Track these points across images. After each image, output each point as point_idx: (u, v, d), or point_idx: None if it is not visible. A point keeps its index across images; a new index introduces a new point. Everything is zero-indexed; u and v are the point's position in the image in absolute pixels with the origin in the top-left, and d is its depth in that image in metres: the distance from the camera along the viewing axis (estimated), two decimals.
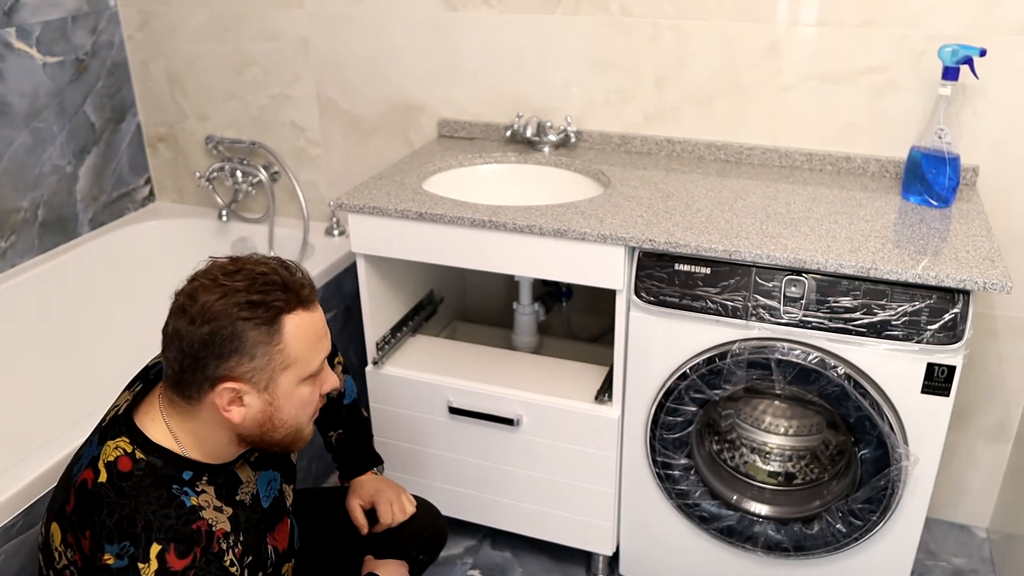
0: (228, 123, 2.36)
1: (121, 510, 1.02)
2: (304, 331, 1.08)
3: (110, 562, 1.01)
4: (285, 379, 1.08)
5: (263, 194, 2.39)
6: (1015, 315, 1.85)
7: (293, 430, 1.13)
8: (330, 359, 1.48)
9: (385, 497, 1.45)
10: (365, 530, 1.44)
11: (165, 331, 1.07)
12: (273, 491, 1.25)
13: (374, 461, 1.55)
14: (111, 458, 1.06)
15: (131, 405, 1.13)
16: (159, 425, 1.10)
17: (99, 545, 1.02)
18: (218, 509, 1.10)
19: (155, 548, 1.01)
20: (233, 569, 1.08)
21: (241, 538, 1.13)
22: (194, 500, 1.07)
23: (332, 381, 1.17)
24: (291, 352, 1.07)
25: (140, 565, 1.00)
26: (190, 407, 1.08)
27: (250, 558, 1.14)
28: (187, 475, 1.09)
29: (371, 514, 1.46)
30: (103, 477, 1.05)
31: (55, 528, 1.09)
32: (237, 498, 1.16)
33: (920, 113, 1.77)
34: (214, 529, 1.07)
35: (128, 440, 1.08)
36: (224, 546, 1.08)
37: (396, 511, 1.44)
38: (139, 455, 1.07)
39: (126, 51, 2.35)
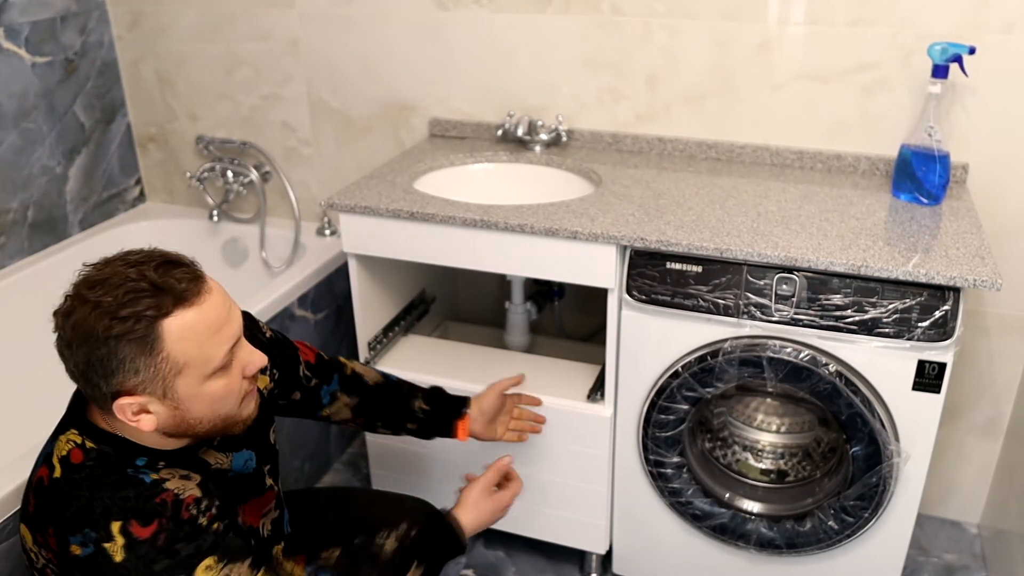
0: (219, 123, 2.35)
1: (78, 501, 1.00)
2: (190, 331, 0.99)
3: (78, 552, 0.99)
4: (183, 383, 1.01)
5: (254, 194, 2.38)
6: (1005, 312, 1.85)
7: (218, 421, 1.08)
8: (327, 367, 1.45)
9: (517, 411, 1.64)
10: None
11: (56, 351, 1.03)
12: (248, 469, 1.22)
13: (460, 402, 1.58)
14: (64, 452, 1.04)
15: (83, 398, 1.10)
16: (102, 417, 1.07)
17: (64, 540, 1.00)
18: (185, 477, 1.07)
19: (116, 524, 0.99)
20: (216, 526, 1.04)
21: (216, 503, 1.09)
22: (154, 476, 1.04)
23: (256, 361, 1.09)
24: (179, 357, 0.99)
25: (106, 545, 0.98)
26: (110, 414, 1.04)
27: (227, 520, 1.11)
28: (141, 461, 1.06)
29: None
30: (57, 472, 1.03)
31: (24, 530, 1.08)
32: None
33: (910, 111, 1.77)
34: (182, 497, 1.04)
35: (77, 432, 1.05)
36: (195, 511, 1.04)
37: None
38: (89, 445, 1.04)
39: (116, 51, 2.34)
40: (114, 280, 0.98)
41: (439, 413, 1.55)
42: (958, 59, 1.62)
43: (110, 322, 0.96)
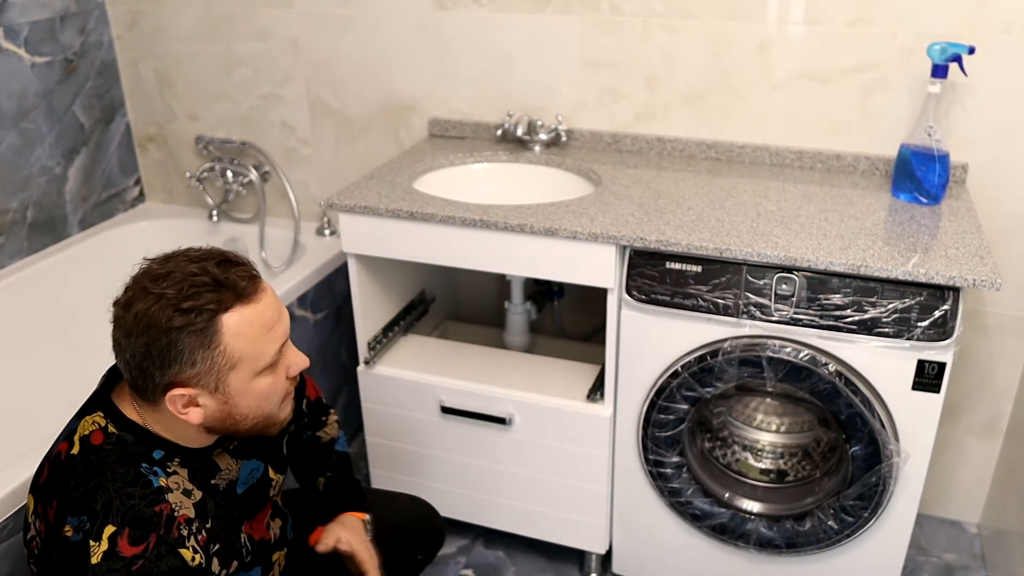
0: (218, 123, 2.35)
1: (86, 483, 1.03)
2: (247, 327, 1.03)
3: (69, 534, 1.01)
4: (235, 377, 1.05)
5: (254, 194, 2.38)
6: (1005, 312, 1.85)
7: (260, 419, 1.11)
8: (320, 410, 1.46)
9: (369, 564, 1.36)
10: (323, 551, 1.36)
11: (112, 341, 1.06)
12: (253, 479, 1.23)
13: (362, 502, 1.46)
14: (86, 432, 1.07)
15: (112, 382, 1.14)
16: (132, 405, 1.10)
17: (63, 517, 1.03)
18: (186, 493, 1.09)
19: (109, 529, 1.00)
20: (197, 558, 1.06)
21: (208, 525, 1.11)
22: (163, 481, 1.06)
23: (299, 362, 1.13)
24: (234, 352, 1.03)
25: (91, 542, 1.00)
26: (152, 405, 1.08)
27: (217, 546, 1.12)
28: (158, 454, 1.08)
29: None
30: (76, 449, 1.06)
31: (30, 499, 1.11)
32: (212, 482, 1.14)
33: (910, 111, 1.77)
34: (176, 514, 1.06)
35: (103, 415, 1.08)
36: (185, 532, 1.06)
37: None
38: (111, 429, 1.07)
39: (115, 51, 2.34)
40: (177, 274, 1.02)
41: (323, 507, 1.45)
42: (958, 59, 1.62)
43: (173, 313, 1.00)
